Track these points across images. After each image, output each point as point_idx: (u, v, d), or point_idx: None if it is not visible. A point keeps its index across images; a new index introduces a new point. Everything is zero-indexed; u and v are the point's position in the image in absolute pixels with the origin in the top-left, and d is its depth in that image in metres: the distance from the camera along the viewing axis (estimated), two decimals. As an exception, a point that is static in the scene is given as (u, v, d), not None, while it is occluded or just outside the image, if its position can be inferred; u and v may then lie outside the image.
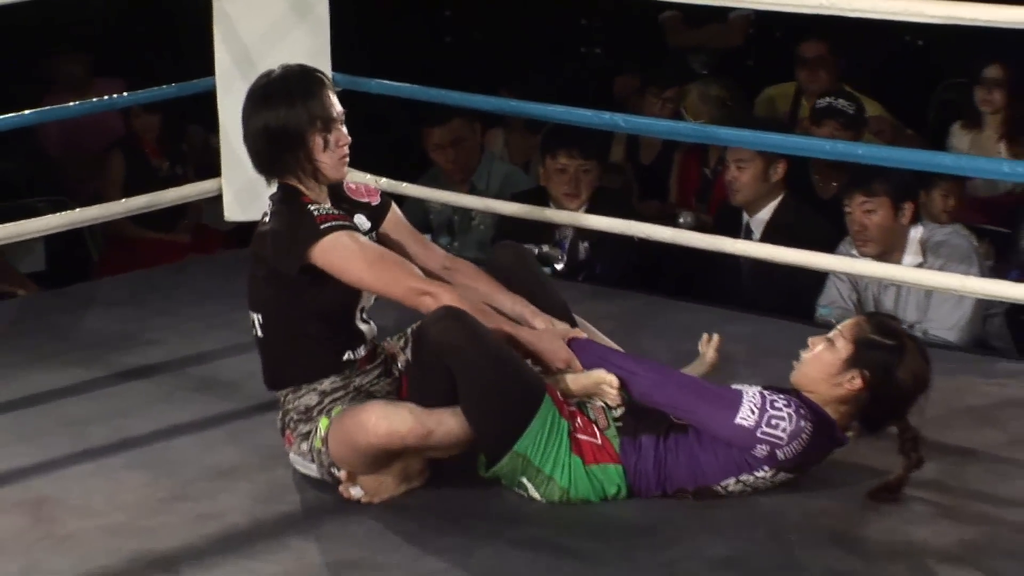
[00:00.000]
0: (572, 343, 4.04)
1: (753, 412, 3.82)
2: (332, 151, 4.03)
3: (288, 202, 4.03)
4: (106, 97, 6.13)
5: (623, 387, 3.95)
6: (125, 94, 6.24)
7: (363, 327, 4.07)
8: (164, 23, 8.69)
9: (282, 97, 4.01)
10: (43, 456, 4.29)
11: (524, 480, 3.92)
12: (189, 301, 5.60)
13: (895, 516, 3.85)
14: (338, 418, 3.95)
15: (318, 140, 4.00)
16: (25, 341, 5.23)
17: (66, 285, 6.16)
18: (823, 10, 4.91)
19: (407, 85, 5.67)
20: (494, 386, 3.86)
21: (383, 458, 3.92)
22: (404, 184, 5.92)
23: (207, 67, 5.77)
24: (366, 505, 3.94)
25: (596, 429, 3.93)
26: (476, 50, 9.44)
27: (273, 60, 5.68)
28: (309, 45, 5.76)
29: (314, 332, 4.02)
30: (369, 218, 4.17)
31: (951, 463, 4.06)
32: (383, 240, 4.17)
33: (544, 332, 4.06)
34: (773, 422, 3.82)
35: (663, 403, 3.92)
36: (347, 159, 4.08)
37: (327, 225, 3.94)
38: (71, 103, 6.25)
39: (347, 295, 4.00)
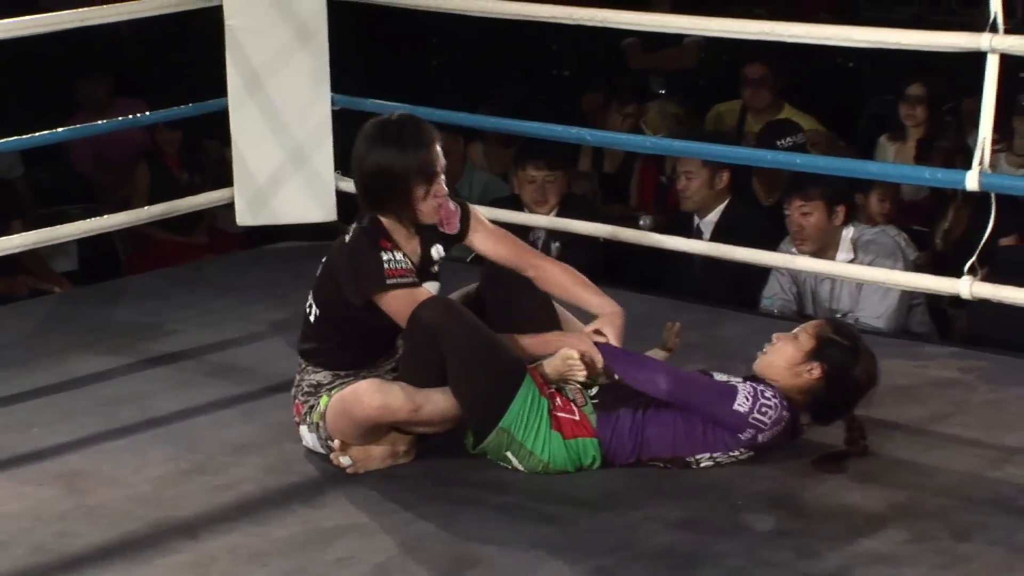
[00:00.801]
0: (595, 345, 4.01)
1: (747, 400, 3.83)
2: (431, 200, 3.95)
3: (369, 240, 3.93)
4: (130, 116, 6.13)
5: (604, 365, 3.95)
6: (147, 113, 6.23)
7: (400, 341, 4.05)
8: (182, 50, 8.69)
9: (396, 142, 3.91)
10: (78, 434, 4.28)
11: (509, 455, 3.91)
12: (207, 296, 5.58)
13: (830, 482, 3.86)
14: (338, 393, 3.95)
15: (419, 190, 3.92)
16: (61, 332, 5.21)
17: (96, 282, 6.14)
18: (765, 36, 4.93)
19: (398, 104, 5.65)
20: (479, 365, 3.85)
21: (375, 430, 3.92)
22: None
23: (221, 88, 5.77)
24: (365, 476, 3.94)
25: (574, 407, 3.92)
26: (459, 72, 9.43)
27: (279, 82, 5.76)
28: (311, 68, 5.76)
29: (360, 341, 4.00)
30: (445, 247, 4.09)
31: (879, 435, 4.07)
32: (482, 255, 4.14)
33: (572, 336, 4.03)
34: (763, 409, 3.83)
35: (672, 395, 3.88)
36: (444, 208, 4.02)
37: (392, 281, 3.88)
38: (99, 121, 6.25)
39: (396, 324, 3.96)
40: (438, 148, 3.95)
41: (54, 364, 4.84)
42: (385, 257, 3.91)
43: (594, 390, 3.97)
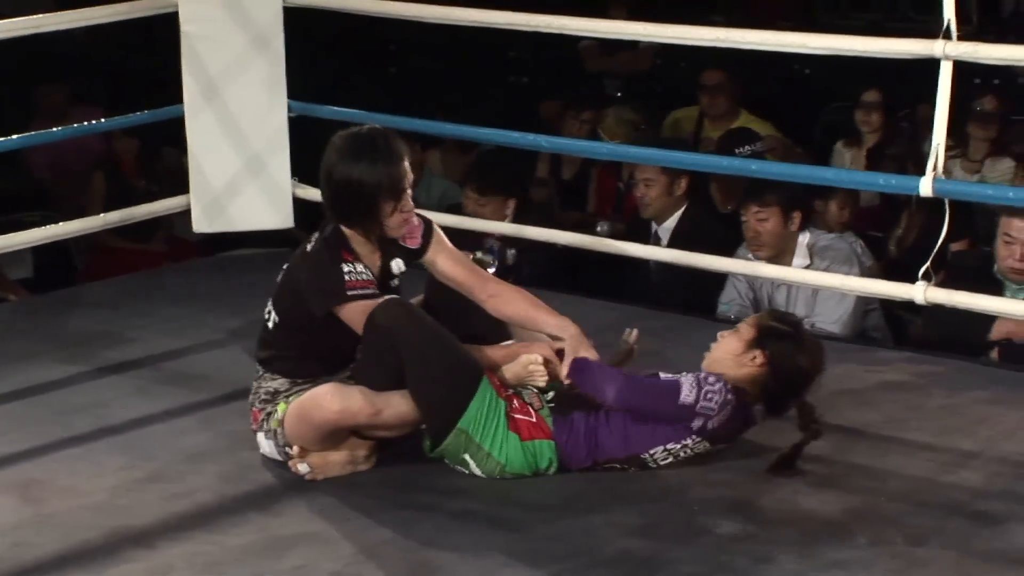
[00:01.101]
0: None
1: (692, 390, 3.86)
2: (397, 215, 3.93)
3: (330, 251, 3.93)
4: (85, 123, 6.09)
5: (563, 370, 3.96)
6: (103, 120, 6.19)
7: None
8: (140, 57, 8.66)
9: (366, 156, 3.88)
10: (33, 442, 4.25)
11: (466, 457, 3.90)
12: (164, 304, 5.55)
13: (786, 487, 3.86)
14: (296, 399, 3.93)
15: (387, 205, 3.91)
16: (16, 340, 5.18)
17: (52, 290, 6.10)
18: (721, 43, 4.95)
19: (354, 110, 5.64)
20: (436, 366, 3.85)
21: (335, 435, 3.90)
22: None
23: (178, 95, 5.74)
24: (322, 483, 3.93)
25: (531, 410, 3.93)
26: (417, 79, 9.42)
27: (235, 89, 5.74)
28: (267, 75, 5.75)
29: (320, 351, 3.99)
30: (406, 262, 4.08)
31: (835, 440, 4.08)
32: (437, 275, 4.10)
33: (535, 344, 4.03)
34: (708, 396, 3.86)
35: (618, 402, 3.89)
36: (409, 222, 4.00)
37: (354, 292, 3.88)
38: (54, 128, 6.21)
39: (356, 336, 3.94)
40: (407, 164, 3.94)
41: (9, 372, 4.80)
42: (346, 269, 3.90)
43: (550, 394, 3.98)
